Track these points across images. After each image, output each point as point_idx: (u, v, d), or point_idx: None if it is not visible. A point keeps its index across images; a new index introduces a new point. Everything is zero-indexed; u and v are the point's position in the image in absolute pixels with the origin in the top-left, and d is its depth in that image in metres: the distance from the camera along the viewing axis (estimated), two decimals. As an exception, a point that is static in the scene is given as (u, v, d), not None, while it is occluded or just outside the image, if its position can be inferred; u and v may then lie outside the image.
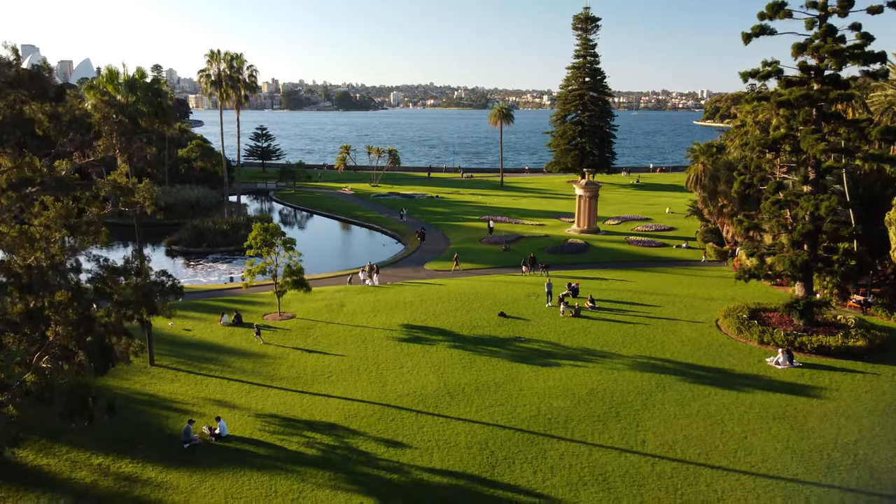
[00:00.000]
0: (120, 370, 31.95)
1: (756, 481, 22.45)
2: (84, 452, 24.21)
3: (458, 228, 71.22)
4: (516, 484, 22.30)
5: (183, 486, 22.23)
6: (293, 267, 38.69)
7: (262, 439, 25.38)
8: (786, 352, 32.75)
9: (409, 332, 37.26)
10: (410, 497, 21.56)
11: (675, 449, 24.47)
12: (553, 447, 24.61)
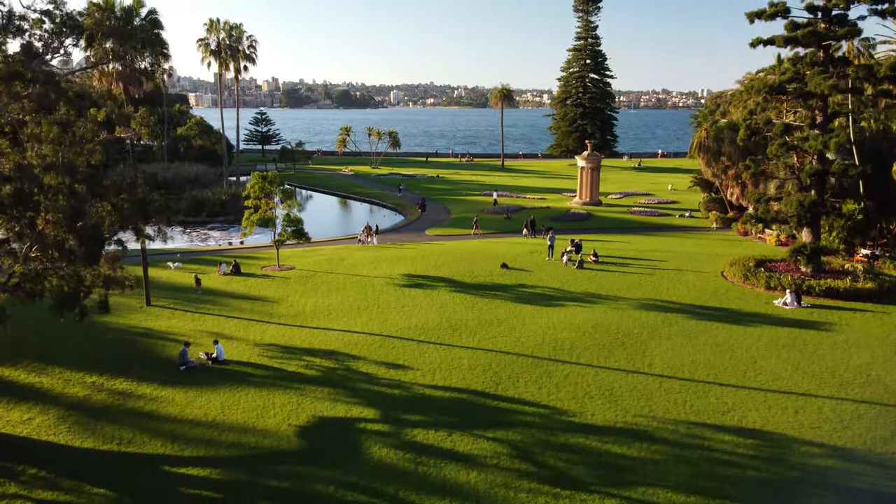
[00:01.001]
0: (115, 309, 31.37)
1: (767, 395, 21.86)
2: (77, 372, 23.63)
3: (459, 202, 70.61)
4: (521, 397, 21.72)
5: (178, 399, 21.65)
6: (292, 216, 38.09)
7: (261, 363, 24.80)
8: (793, 292, 32.16)
9: (411, 279, 36.69)
10: (412, 408, 20.97)
11: (682, 370, 23.89)
12: (558, 369, 24.02)
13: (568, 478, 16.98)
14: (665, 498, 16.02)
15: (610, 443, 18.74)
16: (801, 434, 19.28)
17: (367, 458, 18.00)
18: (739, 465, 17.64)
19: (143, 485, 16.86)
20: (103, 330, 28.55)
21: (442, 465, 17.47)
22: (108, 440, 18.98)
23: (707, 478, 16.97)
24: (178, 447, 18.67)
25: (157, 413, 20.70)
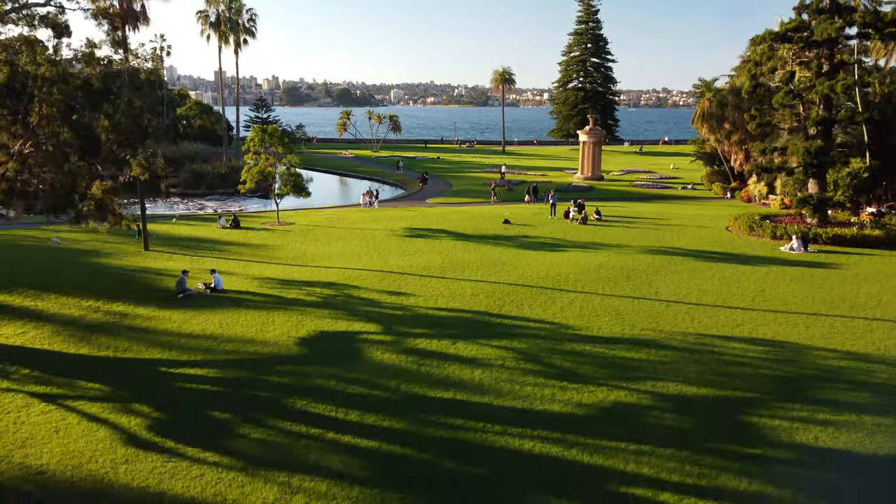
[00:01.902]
0: (112, 254, 31.04)
1: (777, 315, 21.42)
2: (73, 298, 23.19)
3: (461, 178, 70.21)
4: (525, 316, 21.28)
5: (175, 318, 21.20)
6: (292, 171, 37.67)
7: (260, 291, 24.37)
8: (800, 237, 31.71)
9: (412, 231, 36.30)
10: (414, 323, 20.54)
11: (689, 297, 23.44)
12: (562, 296, 23.58)
13: (575, 374, 16.55)
14: (675, 390, 15.58)
15: (618, 349, 18.31)
16: (812, 342, 18.85)
17: (368, 360, 17.57)
18: (751, 366, 17.21)
19: (138, 380, 16.41)
20: (99, 267, 28.16)
21: (445, 366, 17.03)
22: (103, 348, 18.54)
23: (718, 374, 16.54)
24: (175, 354, 18.24)
25: (154, 328, 20.26)
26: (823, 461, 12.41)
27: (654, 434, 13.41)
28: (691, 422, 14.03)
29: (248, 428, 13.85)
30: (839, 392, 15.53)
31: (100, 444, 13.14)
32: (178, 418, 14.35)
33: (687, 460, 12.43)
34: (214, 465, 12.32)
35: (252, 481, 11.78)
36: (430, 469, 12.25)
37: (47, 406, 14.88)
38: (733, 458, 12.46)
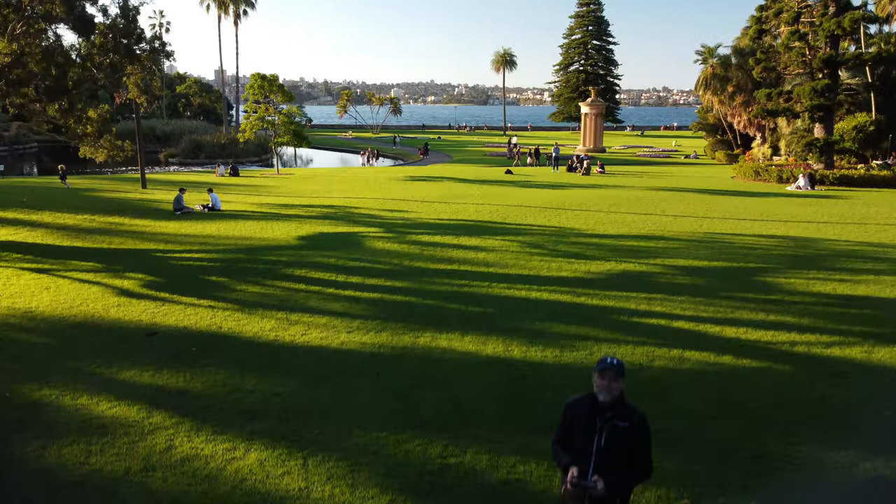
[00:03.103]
0: (108, 191, 30.58)
1: (787, 223, 20.96)
2: (69, 213, 22.69)
3: (462, 151, 69.66)
4: (529, 223, 20.80)
5: (172, 226, 20.72)
6: (292, 119, 37.22)
7: (260, 211, 23.90)
8: (806, 176, 31.28)
9: (414, 177, 35.90)
10: (416, 227, 20.06)
11: (696, 214, 22.95)
12: (566, 213, 23.11)
13: (582, 255, 16.06)
14: (685, 264, 15.09)
15: (626, 241, 17.84)
16: (825, 236, 18.40)
17: (369, 247, 17.10)
18: (763, 248, 16.75)
19: (133, 260, 15.92)
20: (97, 197, 27.72)
21: (448, 251, 16.56)
22: (97, 243, 18.04)
23: (730, 254, 16.07)
24: (171, 246, 17.72)
25: (151, 231, 19.77)
26: (845, 303, 11.93)
27: (666, 289, 12.93)
28: (704, 280, 13.56)
29: (244, 285, 13.39)
30: (855, 263, 15.09)
31: (91, 296, 12.66)
32: (172, 280, 13.87)
33: (701, 303, 11.97)
34: (209, 308, 11.84)
35: (248, 317, 11.30)
36: (436, 309, 11.77)
37: (38, 275, 14.40)
38: (750, 301, 11.98)
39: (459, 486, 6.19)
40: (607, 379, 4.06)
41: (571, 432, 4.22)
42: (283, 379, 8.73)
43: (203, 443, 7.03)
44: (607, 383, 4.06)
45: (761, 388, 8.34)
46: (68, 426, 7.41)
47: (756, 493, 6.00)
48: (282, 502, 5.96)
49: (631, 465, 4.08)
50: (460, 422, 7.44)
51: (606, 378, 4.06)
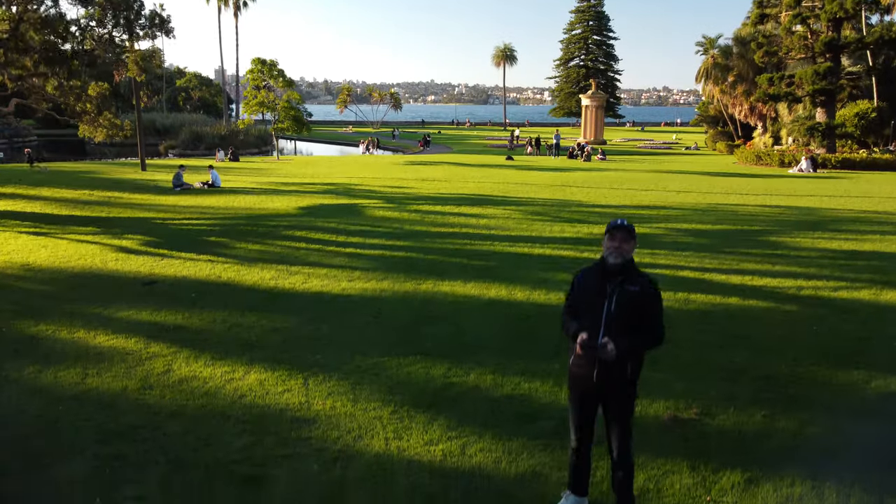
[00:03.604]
0: (107, 172, 30.45)
1: (789, 196, 20.82)
2: (68, 189, 22.58)
3: (462, 144, 69.54)
4: (532, 196, 20.68)
5: (172, 199, 20.59)
6: (293, 102, 37.08)
7: (261, 188, 23.77)
8: (809, 158, 31.16)
9: (414, 163, 35.77)
10: (417, 200, 19.93)
11: (699, 189, 22.83)
12: (568, 189, 22.99)
13: (584, 221, 15.94)
14: (688, 227, 14.95)
15: (627, 210, 17.71)
16: (829, 206, 18.28)
17: (369, 216, 16.97)
18: (767, 215, 16.63)
19: (132, 224, 15.79)
20: (94, 178, 27.58)
21: (450, 218, 16.44)
22: (96, 211, 17.91)
23: (733, 220, 15.97)
24: (171, 215, 17.60)
25: (151, 203, 19.64)
26: (851, 256, 11.80)
27: (670, 246, 12.79)
28: (708, 240, 13.43)
29: (244, 244, 13.26)
30: (860, 226, 14.98)
31: (89, 252, 12.52)
32: (171, 240, 13.73)
33: (706, 257, 11.85)
34: (208, 262, 11.70)
35: (248, 269, 11.16)
36: (437, 263, 11.64)
37: (36, 237, 14.26)
38: (755, 255, 11.86)
39: (463, 400, 6.06)
40: (618, 240, 3.94)
41: (580, 302, 4.09)
42: (283, 317, 8.60)
43: (202, 367, 6.90)
44: (618, 244, 3.93)
45: (769, 323, 8.22)
46: (65, 354, 7.28)
47: (765, 405, 5.87)
48: (282, 414, 5.82)
49: (642, 330, 3.95)
50: (464, 351, 7.31)
51: (617, 239, 3.94)
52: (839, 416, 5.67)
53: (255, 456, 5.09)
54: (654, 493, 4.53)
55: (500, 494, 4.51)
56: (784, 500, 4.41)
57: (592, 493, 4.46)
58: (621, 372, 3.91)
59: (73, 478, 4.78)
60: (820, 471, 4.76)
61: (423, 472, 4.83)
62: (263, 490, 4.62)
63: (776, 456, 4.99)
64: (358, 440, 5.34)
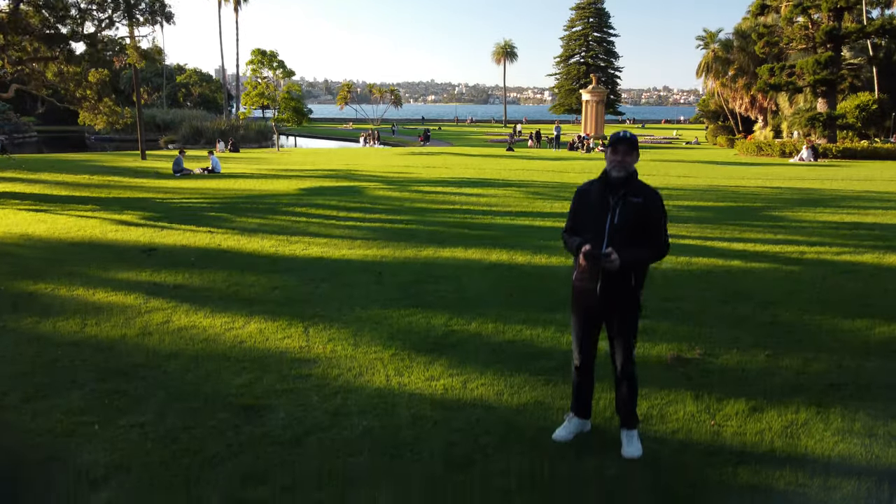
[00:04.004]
0: (107, 161, 30.42)
1: (791, 179, 20.78)
2: (68, 174, 22.54)
3: (462, 139, 69.48)
4: (533, 179, 20.63)
5: (172, 184, 20.57)
6: (293, 93, 37.03)
7: (261, 173, 23.74)
8: (810, 147, 31.09)
9: (414, 154, 35.73)
10: (417, 181, 19.89)
11: (698, 179, 22.79)
12: (568, 174, 22.94)
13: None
14: (690, 204, 14.89)
15: (628, 191, 17.64)
16: (830, 187, 18.22)
17: (370, 194, 16.93)
18: (769, 194, 16.58)
19: (131, 203, 15.75)
20: (93, 165, 27.55)
21: (450, 196, 16.38)
22: (95, 192, 17.87)
23: (734, 198, 15.93)
24: (171, 195, 17.57)
25: (151, 186, 19.60)
26: (853, 227, 11.75)
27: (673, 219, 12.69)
28: (710, 214, 13.40)
29: (244, 218, 13.21)
30: (862, 203, 14.93)
31: (88, 225, 12.49)
32: (171, 215, 13.70)
33: (707, 227, 11.81)
34: (208, 233, 11.65)
35: (248, 238, 11.11)
36: (438, 233, 11.59)
37: (35, 213, 14.22)
38: (757, 227, 11.81)
39: (464, 345, 6.01)
40: (621, 153, 3.89)
41: (582, 218, 4.04)
42: (283, 278, 8.56)
43: (201, 318, 6.85)
44: (621, 157, 3.89)
45: (772, 281, 8.17)
46: (63, 308, 7.23)
47: (769, 347, 5.83)
48: (282, 356, 5.78)
49: (646, 242, 3.90)
50: (465, 304, 7.27)
51: (620, 152, 3.89)
52: (843, 355, 5.62)
53: (255, 390, 5.05)
54: (658, 418, 4.48)
55: (502, 422, 4.47)
56: (788, 424, 4.36)
57: (595, 420, 4.42)
58: (625, 283, 3.86)
59: (72, 408, 4.73)
60: (824, 400, 4.72)
61: (425, 403, 4.78)
62: (263, 417, 4.58)
63: (780, 389, 4.94)
64: (359, 377, 5.30)
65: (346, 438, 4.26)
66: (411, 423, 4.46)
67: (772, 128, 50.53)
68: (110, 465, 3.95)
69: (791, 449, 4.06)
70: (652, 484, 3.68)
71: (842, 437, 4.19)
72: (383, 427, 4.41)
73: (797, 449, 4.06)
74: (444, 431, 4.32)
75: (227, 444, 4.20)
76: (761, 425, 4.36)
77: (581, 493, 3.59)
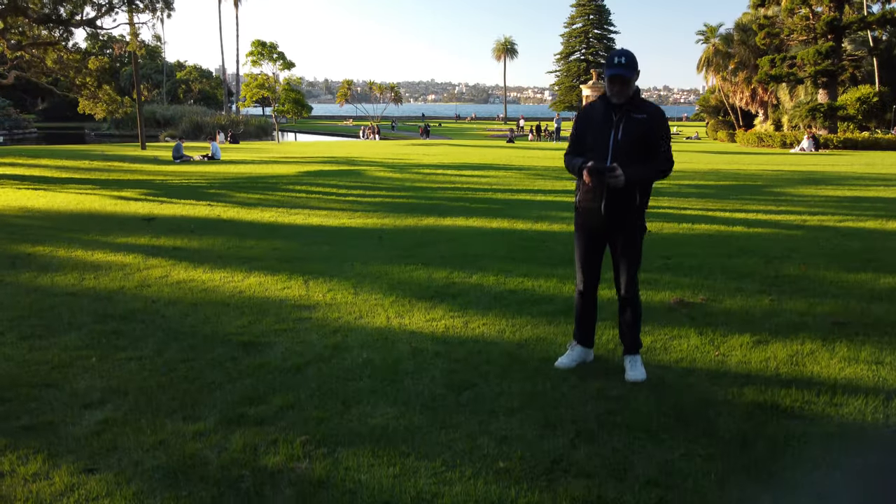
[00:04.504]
0: (106, 151, 30.37)
1: (791, 165, 20.72)
2: (68, 160, 22.50)
3: (463, 135, 69.55)
4: (531, 164, 20.59)
5: (172, 168, 20.51)
6: (293, 85, 36.98)
7: (262, 160, 23.69)
8: (811, 137, 31.03)
9: (414, 146, 35.69)
10: (417, 167, 19.84)
11: (699, 163, 22.72)
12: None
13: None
14: (692, 183, 14.87)
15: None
16: (831, 170, 18.17)
17: (370, 176, 16.90)
18: (771, 174, 16.53)
19: (131, 183, 15.70)
20: (93, 154, 27.51)
21: (451, 178, 16.37)
22: (95, 175, 17.83)
23: (735, 178, 15.89)
24: (170, 178, 17.50)
25: (150, 170, 19.55)
26: (855, 201, 11.70)
27: (674, 194, 12.71)
28: (712, 190, 13.35)
29: (244, 194, 13.18)
30: (864, 182, 14.89)
31: (88, 200, 12.46)
32: (170, 191, 13.66)
33: (709, 201, 11.78)
34: (208, 206, 11.62)
35: (248, 211, 11.08)
36: (439, 205, 11.55)
37: (35, 191, 14.18)
38: (759, 201, 11.77)
39: (466, 293, 5.96)
40: (618, 84, 3.79)
41: (586, 137, 3.96)
42: (284, 241, 8.52)
43: (200, 273, 6.80)
44: (619, 88, 3.80)
45: (774, 241, 8.12)
46: (61, 266, 7.18)
47: (774, 293, 5.77)
48: (281, 304, 5.73)
49: (650, 160, 3.85)
50: (466, 260, 7.22)
51: (617, 82, 3.79)
52: (849, 299, 5.57)
53: (254, 330, 5.00)
54: (662, 350, 4.43)
55: (504, 354, 4.41)
56: (794, 354, 4.31)
57: (598, 351, 4.37)
58: (630, 202, 3.81)
59: (69, 345, 4.68)
60: (830, 335, 4.67)
61: (426, 340, 4.73)
62: (262, 351, 4.52)
63: (785, 327, 4.89)
64: (359, 319, 5.25)
65: (346, 367, 4.21)
66: (412, 356, 4.40)
67: (772, 122, 50.45)
68: (107, 390, 3.90)
69: (797, 373, 4.01)
70: (657, 401, 3.63)
71: (848, 364, 4.14)
72: (383, 358, 4.36)
73: (803, 373, 4.01)
74: (445, 362, 4.27)
75: (225, 372, 4.15)
76: (766, 354, 4.31)
77: (583, 410, 3.54)
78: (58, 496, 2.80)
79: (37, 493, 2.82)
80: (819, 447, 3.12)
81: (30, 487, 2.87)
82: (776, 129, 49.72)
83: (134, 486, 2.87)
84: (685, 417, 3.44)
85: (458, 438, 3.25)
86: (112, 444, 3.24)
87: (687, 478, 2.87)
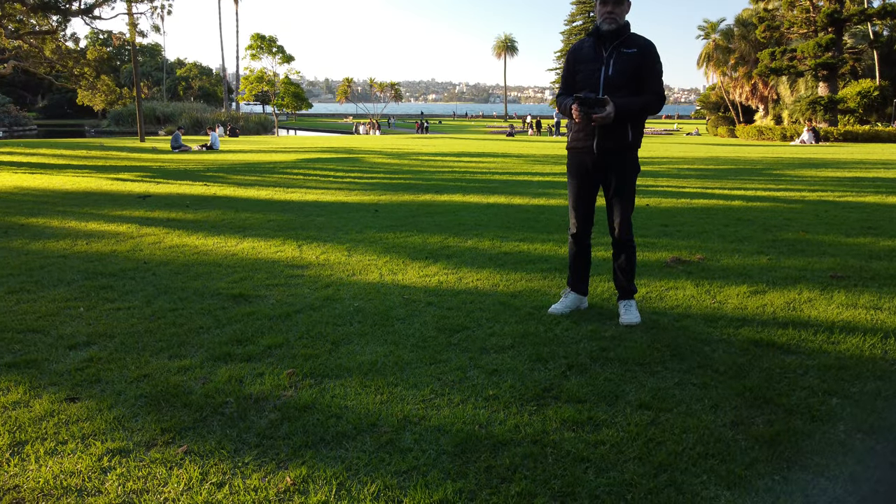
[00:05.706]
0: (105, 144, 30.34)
1: (791, 156, 20.67)
2: (66, 150, 22.46)
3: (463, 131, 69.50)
4: (531, 153, 20.53)
5: (170, 157, 20.46)
6: (293, 78, 36.93)
7: (260, 149, 23.64)
8: (811, 130, 30.95)
9: (415, 140, 35.65)
10: (416, 155, 19.79)
11: (698, 154, 22.68)
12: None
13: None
14: (691, 167, 14.80)
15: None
16: (832, 157, 18.10)
17: (369, 162, 16.84)
18: (771, 160, 16.46)
19: (131, 169, 15.65)
20: (92, 146, 27.46)
21: (450, 164, 16.32)
22: (91, 162, 17.78)
23: (735, 162, 15.80)
24: (170, 165, 17.45)
25: (148, 158, 19.49)
26: (856, 180, 11.63)
27: (674, 175, 12.65)
28: (712, 172, 13.28)
29: (241, 176, 13.12)
30: (864, 166, 14.81)
31: (84, 181, 12.40)
32: (167, 175, 13.60)
33: (708, 181, 11.69)
34: (204, 186, 11.56)
35: (244, 190, 11.03)
36: (436, 184, 11.49)
37: (32, 175, 14.12)
38: (758, 180, 11.70)
39: (460, 255, 5.89)
40: (610, 4, 3.74)
41: (576, 76, 3.89)
42: (279, 214, 8.46)
43: (194, 240, 6.74)
44: (610, 9, 3.74)
45: (773, 212, 8.06)
46: (55, 234, 7.13)
47: (771, 254, 5.71)
48: (274, 264, 5.66)
49: (641, 93, 3.76)
50: (462, 228, 7.16)
51: (609, 3, 3.74)
52: (847, 258, 5.51)
53: (246, 286, 4.93)
54: (657, 299, 4.37)
55: (496, 303, 4.35)
56: (791, 301, 4.25)
57: (592, 300, 4.30)
58: (622, 138, 3.75)
59: (57, 297, 4.62)
60: (829, 286, 4.60)
61: (419, 292, 4.67)
62: (252, 302, 4.46)
63: (783, 279, 4.82)
64: (352, 276, 5.19)
65: (336, 314, 4.15)
66: (403, 305, 4.34)
67: (773, 117, 50.35)
68: (93, 334, 3.84)
69: (794, 317, 3.95)
70: (652, 339, 3.57)
71: (846, 309, 4.08)
72: (375, 307, 4.30)
73: (800, 317, 3.95)
74: (437, 310, 4.21)
75: (214, 318, 4.09)
76: (763, 302, 4.25)
77: (576, 347, 3.48)
78: (37, 420, 2.74)
79: (15, 419, 2.76)
80: (817, 377, 3.06)
81: (9, 414, 2.81)
82: (777, 124, 49.77)
83: (115, 411, 2.81)
84: (680, 352, 3.38)
85: (447, 371, 3.19)
86: (95, 378, 3.19)
87: (680, 403, 2.81)
